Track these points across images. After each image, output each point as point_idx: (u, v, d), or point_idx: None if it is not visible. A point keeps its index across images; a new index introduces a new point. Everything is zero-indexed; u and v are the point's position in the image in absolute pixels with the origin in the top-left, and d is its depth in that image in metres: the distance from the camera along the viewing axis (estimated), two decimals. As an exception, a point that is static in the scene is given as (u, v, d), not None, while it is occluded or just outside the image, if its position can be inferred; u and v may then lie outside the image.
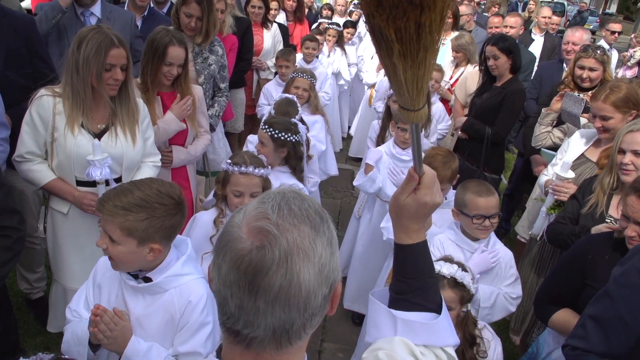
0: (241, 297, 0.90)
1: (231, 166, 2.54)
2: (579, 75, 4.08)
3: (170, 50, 3.14)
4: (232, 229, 0.94)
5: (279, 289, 0.89)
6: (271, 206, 0.95)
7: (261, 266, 0.89)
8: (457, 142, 4.75)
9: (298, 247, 0.91)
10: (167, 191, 1.86)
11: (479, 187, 2.67)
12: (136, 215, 1.78)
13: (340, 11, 8.65)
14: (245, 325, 0.92)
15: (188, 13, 3.72)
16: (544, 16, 7.30)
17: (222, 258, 0.93)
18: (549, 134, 3.91)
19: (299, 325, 0.93)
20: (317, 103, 4.48)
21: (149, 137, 2.94)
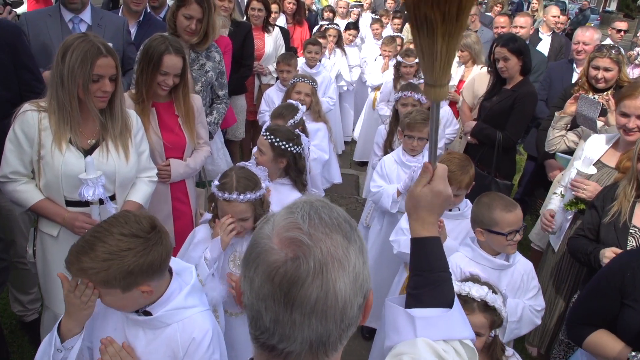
0: (276, 311, 0.87)
1: (217, 190, 2.37)
2: (593, 76, 3.92)
3: (166, 59, 2.96)
4: (262, 241, 0.91)
5: (316, 301, 0.87)
6: (301, 216, 0.92)
7: (296, 278, 0.86)
8: (466, 147, 4.58)
9: (332, 257, 0.89)
10: (132, 231, 1.66)
11: (502, 201, 2.52)
12: (106, 270, 1.60)
13: (341, 13, 8.51)
14: (281, 339, 0.89)
15: (188, 15, 3.55)
16: (553, 15, 7.14)
17: (254, 271, 0.90)
18: (562, 138, 3.74)
19: (336, 336, 0.91)
20: (320, 109, 4.31)
21: (144, 151, 2.77)
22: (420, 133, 3.48)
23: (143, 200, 2.75)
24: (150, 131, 2.99)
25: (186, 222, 3.29)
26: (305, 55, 5.67)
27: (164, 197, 3.12)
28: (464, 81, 5.64)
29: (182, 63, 3.03)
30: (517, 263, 2.56)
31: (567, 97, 4.18)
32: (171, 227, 3.20)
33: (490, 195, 2.58)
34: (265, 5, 5.69)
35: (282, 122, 3.55)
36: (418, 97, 4.15)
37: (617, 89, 3.95)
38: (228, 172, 2.46)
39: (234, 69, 4.89)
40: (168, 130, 3.11)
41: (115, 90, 2.49)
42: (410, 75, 5.46)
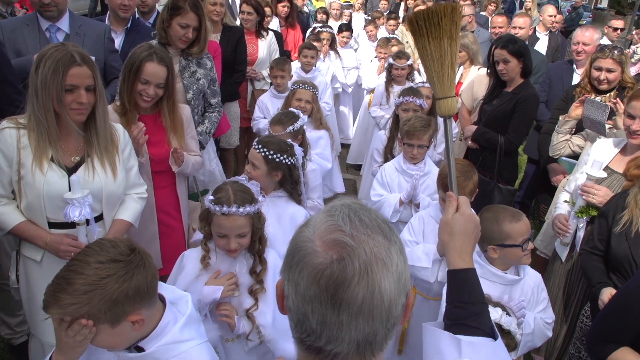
0: (323, 312, 0.88)
1: (213, 205, 2.23)
2: (595, 77, 3.82)
3: (147, 66, 2.80)
4: (304, 244, 0.92)
5: (362, 301, 0.87)
6: (341, 218, 0.93)
7: (343, 279, 0.87)
8: (467, 152, 4.46)
9: (376, 257, 0.90)
10: (109, 257, 1.53)
11: (508, 212, 2.41)
12: (89, 304, 1.46)
13: (335, 15, 8.38)
14: (328, 341, 0.89)
15: (184, 24, 3.41)
16: (550, 15, 7.06)
17: (299, 274, 0.90)
18: (567, 142, 3.62)
19: (382, 336, 0.91)
20: (321, 116, 4.18)
21: (132, 167, 2.63)
22: (420, 141, 3.35)
23: (132, 219, 2.61)
24: None
25: (177, 239, 3.15)
26: (301, 59, 5.52)
27: (149, 215, 2.95)
28: (461, 83, 5.54)
29: (166, 73, 2.87)
30: (526, 275, 2.45)
31: (569, 98, 4.08)
32: (157, 247, 3.05)
33: (493, 209, 2.46)
34: (256, 9, 5.55)
35: (280, 129, 3.43)
36: (420, 102, 4.03)
37: (621, 90, 3.85)
38: (222, 186, 2.33)
39: (226, 75, 4.76)
40: (155, 143, 2.96)
41: (95, 102, 2.33)
42: (402, 77, 5.35)
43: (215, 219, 2.25)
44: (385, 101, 5.39)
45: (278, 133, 3.38)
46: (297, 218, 2.90)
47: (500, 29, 6.00)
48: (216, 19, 4.81)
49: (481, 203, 2.96)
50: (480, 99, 4.52)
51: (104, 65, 3.56)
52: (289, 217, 2.89)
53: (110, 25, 4.00)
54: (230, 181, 2.38)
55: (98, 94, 2.33)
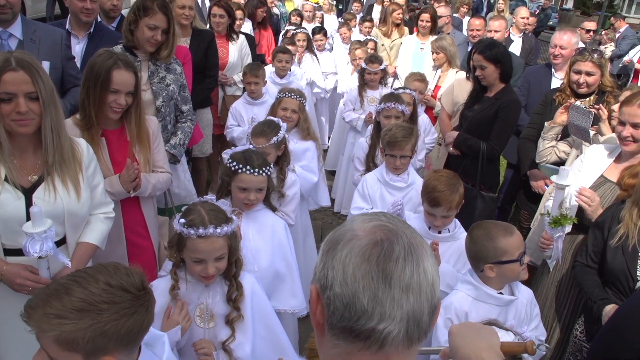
0: (375, 287, 0.90)
1: (186, 228, 2.05)
2: (575, 81, 3.76)
3: (115, 74, 2.60)
4: (345, 234, 0.97)
5: (411, 276, 0.91)
6: (376, 214, 1.00)
7: (392, 255, 0.92)
8: (448, 158, 4.36)
9: (415, 240, 0.96)
10: (120, 283, 1.39)
11: (499, 227, 2.29)
12: (76, 323, 1.31)
13: (307, 17, 8.24)
14: (381, 318, 0.90)
15: (152, 25, 3.23)
16: (523, 17, 7.04)
17: (346, 256, 0.93)
18: (553, 148, 3.54)
19: (427, 317, 0.93)
20: (309, 126, 3.99)
21: (98, 185, 2.43)
22: (402, 151, 3.23)
23: (99, 241, 2.42)
24: (101, 163, 2.63)
25: (148, 258, 2.94)
26: (275, 64, 5.35)
27: (116, 235, 2.74)
28: (439, 86, 5.46)
29: (134, 79, 2.68)
30: (519, 293, 2.34)
31: (548, 103, 4.02)
32: None
33: (482, 225, 2.33)
34: (228, 11, 5.36)
35: (264, 141, 3.25)
36: (402, 109, 3.90)
37: (600, 95, 3.81)
38: (191, 207, 2.16)
39: (197, 80, 4.55)
40: (120, 161, 2.76)
41: (42, 112, 2.11)
42: (375, 82, 5.25)
43: (190, 243, 2.07)
44: (359, 106, 5.27)
45: (261, 145, 3.21)
46: (278, 229, 2.80)
47: (478, 32, 5.93)
48: (185, 22, 4.61)
49: (463, 211, 2.85)
50: (460, 104, 4.43)
51: (61, 74, 3.33)
52: (270, 228, 2.78)
53: (72, 30, 3.76)
54: (199, 202, 2.21)
55: (46, 103, 2.11)
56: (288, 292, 2.76)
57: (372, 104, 5.15)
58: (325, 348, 0.98)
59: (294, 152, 3.79)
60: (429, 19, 6.20)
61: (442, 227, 2.77)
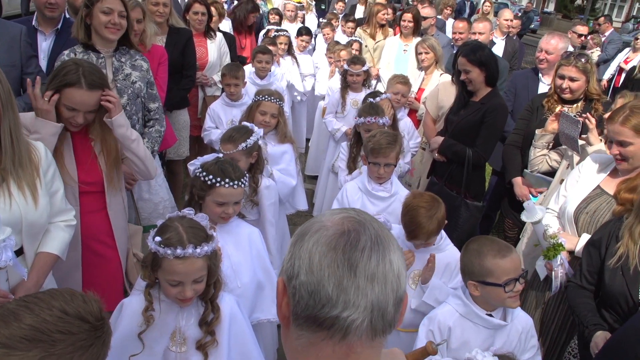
0: (340, 275, 0.91)
1: (162, 247, 1.88)
2: (558, 85, 3.68)
3: (72, 93, 2.43)
4: (314, 224, 0.98)
5: (376, 265, 0.92)
6: (345, 209, 1.02)
7: (358, 244, 0.93)
8: (433, 164, 4.24)
9: (382, 232, 0.97)
10: (78, 311, 1.25)
11: (494, 246, 2.15)
12: (24, 354, 1.16)
13: (290, 17, 8.04)
14: (345, 306, 0.90)
15: (107, 8, 3.05)
16: (506, 19, 6.99)
17: (313, 245, 0.94)
18: (544, 157, 3.44)
19: (392, 308, 0.93)
20: (286, 130, 3.85)
21: (57, 191, 2.27)
22: (387, 159, 3.09)
23: (59, 250, 2.26)
24: (65, 162, 2.46)
25: (112, 269, 2.76)
26: (255, 64, 5.17)
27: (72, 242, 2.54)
28: (423, 89, 5.34)
29: (96, 99, 2.50)
30: (515, 319, 2.20)
31: (534, 108, 3.92)
32: (77, 279, 2.66)
33: (480, 241, 2.21)
34: (208, 8, 5.18)
35: (231, 147, 3.10)
36: (383, 122, 3.77)
37: (588, 102, 3.72)
38: (168, 224, 1.98)
39: (174, 81, 4.37)
40: (84, 159, 2.60)
41: (2, 116, 1.96)
42: (357, 84, 5.10)
43: (166, 264, 1.90)
44: (340, 109, 5.13)
45: (229, 151, 3.05)
46: (254, 238, 2.66)
47: (461, 35, 5.83)
48: (160, 20, 4.42)
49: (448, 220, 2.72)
50: (446, 108, 4.32)
51: (20, 72, 3.14)
52: (246, 239, 2.65)
53: (38, 27, 3.55)
54: (176, 217, 2.03)
55: (4, 106, 1.97)
56: (269, 300, 2.64)
57: (354, 106, 5.01)
58: (289, 340, 0.97)
59: (271, 156, 3.65)
60: (411, 19, 6.08)
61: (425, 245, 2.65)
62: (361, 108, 3.93)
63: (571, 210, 2.74)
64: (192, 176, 2.54)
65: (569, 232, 2.79)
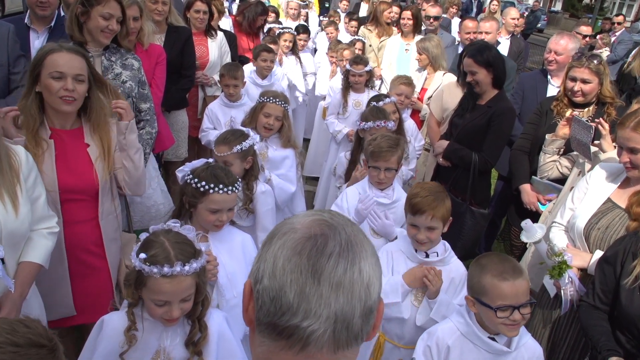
0: (303, 282, 0.86)
1: (147, 265, 1.76)
2: (570, 88, 3.53)
3: (55, 57, 2.32)
4: (284, 226, 0.93)
5: (343, 273, 0.87)
6: (321, 211, 0.97)
7: (325, 250, 0.88)
8: (437, 170, 4.10)
9: (356, 237, 0.92)
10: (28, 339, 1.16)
11: (500, 266, 1.99)
12: None
13: (292, 15, 7.89)
14: (305, 315, 0.85)
15: (107, 14, 2.96)
16: (512, 17, 6.83)
17: (279, 248, 0.89)
18: (555, 163, 3.30)
19: (358, 321, 0.87)
20: (290, 134, 3.73)
21: (39, 197, 2.18)
22: (387, 163, 2.96)
23: (42, 259, 2.17)
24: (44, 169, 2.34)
25: (101, 280, 2.64)
26: (259, 63, 5.02)
27: (56, 252, 2.44)
28: (426, 89, 5.22)
29: (84, 63, 2.40)
30: (521, 347, 2.06)
31: (543, 112, 3.78)
32: (67, 291, 2.55)
33: (490, 257, 2.07)
34: (209, 6, 5.05)
35: (225, 149, 3.01)
36: (391, 126, 3.64)
37: (600, 106, 3.58)
38: (153, 239, 1.86)
39: (172, 81, 4.26)
40: (74, 167, 2.47)
41: None
42: (360, 84, 4.97)
43: (152, 283, 1.79)
44: (342, 110, 5.00)
45: (223, 153, 2.95)
46: (247, 245, 2.56)
47: (473, 35, 5.67)
48: (158, 18, 4.31)
49: (450, 228, 2.59)
50: (450, 110, 4.19)
51: (7, 72, 3.05)
52: (240, 246, 2.54)
53: (31, 25, 3.45)
54: (161, 231, 1.91)
55: None
56: None
57: (356, 107, 4.89)
58: (254, 346, 0.93)
59: (272, 160, 3.54)
60: (411, 17, 5.94)
61: (428, 244, 2.49)
62: (366, 112, 3.79)
63: (581, 226, 2.60)
64: (182, 183, 2.42)
65: (580, 248, 2.65)
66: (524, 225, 2.63)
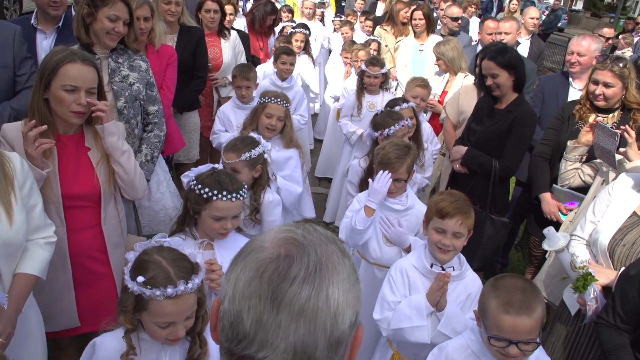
0: (261, 310, 0.79)
1: (148, 289, 1.68)
2: (592, 91, 3.38)
3: (69, 68, 2.25)
4: (254, 243, 0.88)
5: (306, 300, 0.80)
6: (295, 226, 0.90)
7: (288, 273, 0.81)
8: (453, 174, 3.97)
9: (327, 259, 0.84)
10: None
11: (510, 295, 1.84)
12: None
13: (308, 14, 7.80)
14: (260, 346, 0.79)
15: (113, 16, 2.89)
16: (532, 17, 6.65)
17: (242, 269, 0.83)
18: (577, 171, 3.17)
19: (322, 352, 0.80)
20: (292, 134, 3.65)
21: (35, 205, 2.11)
22: (396, 173, 2.85)
23: (39, 270, 2.10)
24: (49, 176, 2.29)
25: (106, 287, 2.58)
26: (279, 66, 4.92)
27: (60, 261, 2.37)
28: (447, 91, 5.08)
29: (96, 75, 2.35)
30: None
31: (565, 117, 3.64)
32: (71, 302, 2.49)
33: (508, 280, 1.92)
34: (222, 6, 4.98)
35: (234, 156, 2.93)
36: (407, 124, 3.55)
37: (626, 111, 3.42)
38: (148, 259, 1.76)
39: (184, 82, 4.20)
40: (72, 174, 2.41)
41: None
42: (375, 86, 4.86)
43: (155, 306, 1.69)
44: (356, 112, 4.90)
45: (231, 160, 2.86)
46: None
47: (493, 36, 5.52)
48: (171, 19, 4.25)
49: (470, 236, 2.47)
50: (467, 113, 4.06)
51: (13, 74, 2.99)
52: None
53: (37, 25, 3.40)
54: (153, 249, 1.81)
55: None
56: None
57: (371, 109, 4.78)
58: None
59: (276, 161, 3.46)
60: (422, 17, 5.80)
61: (451, 253, 2.38)
62: (379, 120, 3.64)
63: (605, 242, 2.45)
64: (186, 189, 2.35)
65: (603, 264, 2.51)
66: (547, 233, 2.50)
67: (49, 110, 2.32)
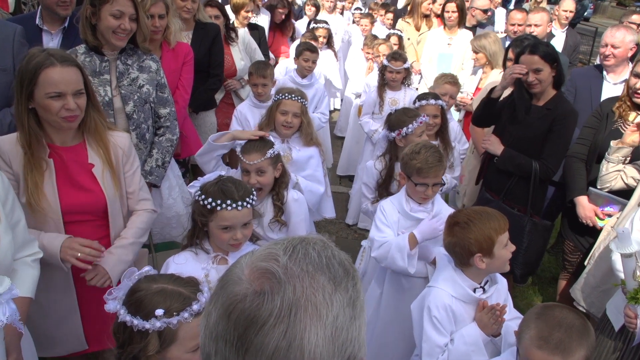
0: (226, 356, 0.74)
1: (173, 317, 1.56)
2: (632, 85, 3.15)
3: (49, 73, 2.08)
4: (234, 269, 0.81)
5: (274, 351, 0.72)
6: (284, 247, 0.81)
7: (256, 317, 0.73)
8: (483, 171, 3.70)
9: (307, 300, 0.75)
10: None
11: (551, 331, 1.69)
12: None
13: (329, 7, 7.62)
14: None
15: (117, 12, 2.73)
16: (565, 9, 6.32)
17: (214, 304, 0.79)
18: (619, 173, 2.94)
19: None
20: (312, 131, 3.46)
21: (18, 222, 1.96)
22: (437, 178, 2.67)
23: (29, 291, 1.98)
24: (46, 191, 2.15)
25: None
26: (301, 62, 4.73)
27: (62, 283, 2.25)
28: (480, 89, 4.84)
29: (80, 74, 2.18)
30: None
31: (604, 115, 3.40)
32: (77, 324, 2.36)
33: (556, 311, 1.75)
34: (223, 11, 4.75)
35: (258, 156, 2.79)
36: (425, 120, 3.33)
37: (673, 109, 3.17)
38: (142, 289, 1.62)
39: (200, 80, 4.05)
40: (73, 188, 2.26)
41: None
42: (396, 82, 4.66)
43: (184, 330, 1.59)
44: (378, 110, 4.71)
45: (255, 161, 2.70)
46: None
47: (520, 27, 5.25)
48: (187, 16, 4.10)
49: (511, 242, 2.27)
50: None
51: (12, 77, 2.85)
52: None
53: (43, 25, 3.28)
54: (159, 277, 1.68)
55: None
56: None
57: (393, 106, 4.59)
58: None
59: (296, 161, 3.31)
60: (455, 9, 5.55)
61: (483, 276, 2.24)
62: (393, 119, 3.37)
63: None
64: (193, 200, 2.21)
65: None
66: (620, 233, 2.24)
67: (37, 120, 2.17)
